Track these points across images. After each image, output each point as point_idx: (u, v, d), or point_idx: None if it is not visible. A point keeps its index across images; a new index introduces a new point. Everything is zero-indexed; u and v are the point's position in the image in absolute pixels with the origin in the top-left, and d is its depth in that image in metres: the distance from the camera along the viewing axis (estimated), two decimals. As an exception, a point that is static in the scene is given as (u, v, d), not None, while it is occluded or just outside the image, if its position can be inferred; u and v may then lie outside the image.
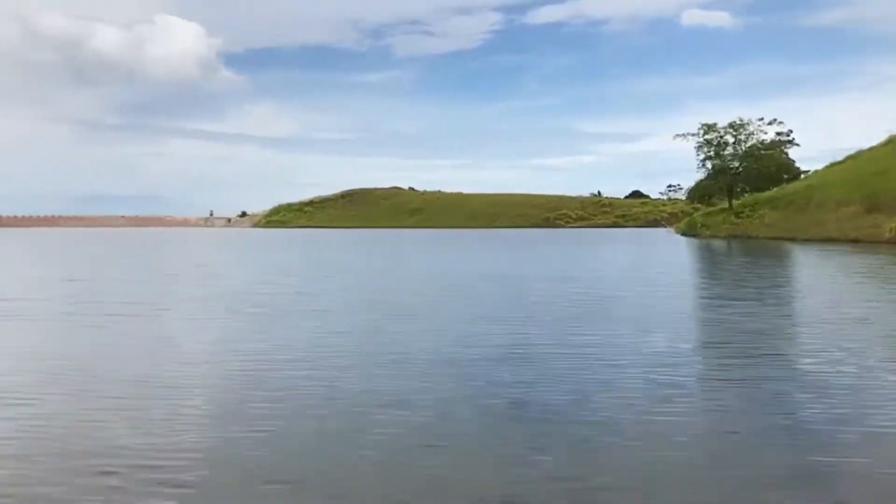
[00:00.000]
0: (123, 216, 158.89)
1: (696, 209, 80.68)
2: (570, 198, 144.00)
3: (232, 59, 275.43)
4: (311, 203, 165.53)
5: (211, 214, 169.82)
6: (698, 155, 72.95)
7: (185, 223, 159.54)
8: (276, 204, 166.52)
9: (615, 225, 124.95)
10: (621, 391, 8.22)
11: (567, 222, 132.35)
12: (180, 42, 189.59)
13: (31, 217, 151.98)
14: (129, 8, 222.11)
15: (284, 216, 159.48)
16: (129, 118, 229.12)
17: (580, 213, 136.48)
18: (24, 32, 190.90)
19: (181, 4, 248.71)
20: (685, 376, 9.07)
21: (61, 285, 23.78)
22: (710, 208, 73.55)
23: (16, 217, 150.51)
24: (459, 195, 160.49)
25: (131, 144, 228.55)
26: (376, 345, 11.60)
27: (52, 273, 29.46)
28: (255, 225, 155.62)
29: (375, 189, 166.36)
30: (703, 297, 19.57)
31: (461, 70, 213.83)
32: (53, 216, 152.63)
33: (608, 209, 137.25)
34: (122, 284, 23.86)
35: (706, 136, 71.90)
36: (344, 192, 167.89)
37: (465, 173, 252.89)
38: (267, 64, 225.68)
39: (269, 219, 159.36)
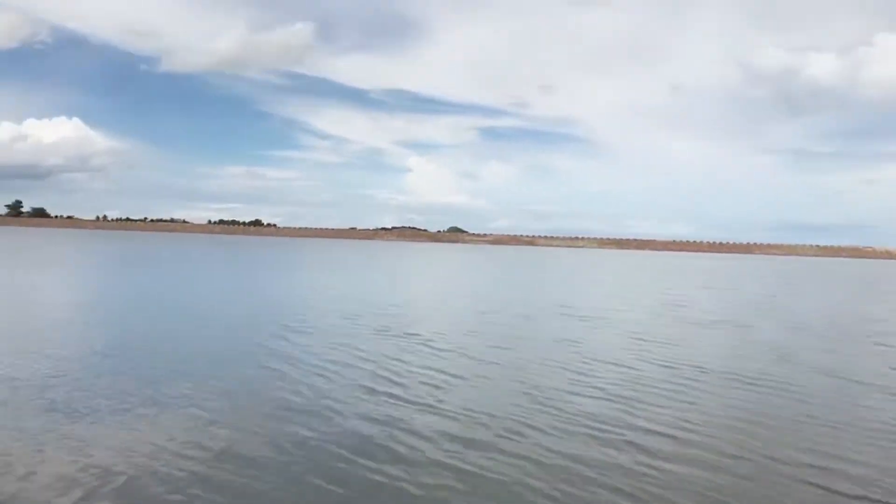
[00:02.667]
0: (817, 245, 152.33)
1: None
2: None
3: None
4: None
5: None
6: None
7: (888, 255, 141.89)
8: None
9: None
10: None
11: None
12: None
13: (726, 244, 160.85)
14: (846, 32, 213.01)
15: None
16: (838, 145, 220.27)
17: None
18: (743, 71, 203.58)
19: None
20: None
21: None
22: None
23: (714, 244, 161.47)
24: None
25: (838, 172, 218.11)
26: None
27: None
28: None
29: None
30: None
31: None
32: (747, 244, 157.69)
33: None
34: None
35: None
36: None
37: None
38: None
39: None
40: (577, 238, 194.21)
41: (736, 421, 8.52)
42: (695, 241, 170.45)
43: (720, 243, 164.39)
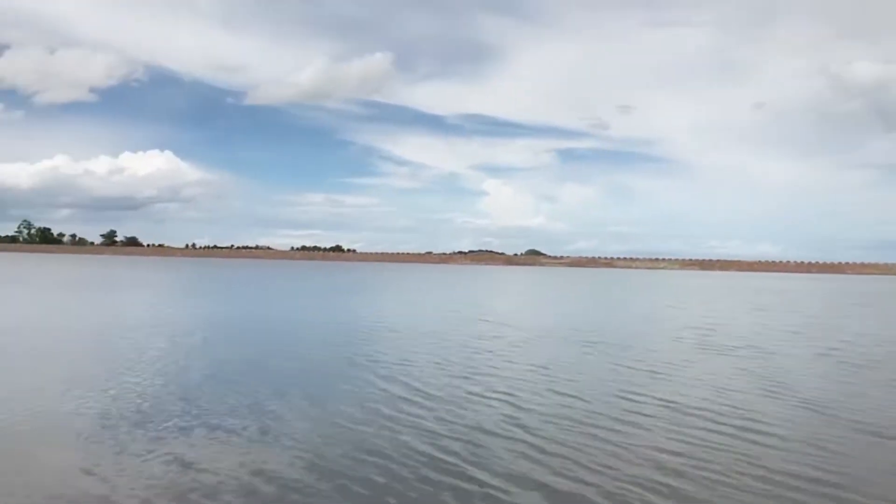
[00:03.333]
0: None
1: None
2: None
3: None
4: None
5: None
6: None
7: None
8: None
9: None
10: None
11: None
12: None
13: (816, 263, 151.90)
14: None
15: None
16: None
17: None
18: (832, 85, 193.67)
19: None
20: None
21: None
22: None
23: (803, 263, 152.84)
24: None
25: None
26: None
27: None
28: None
29: None
30: None
31: None
32: (839, 263, 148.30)
33: None
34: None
35: None
36: None
37: None
38: None
39: None
40: (657, 259, 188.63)
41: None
42: (782, 262, 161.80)
43: (809, 263, 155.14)
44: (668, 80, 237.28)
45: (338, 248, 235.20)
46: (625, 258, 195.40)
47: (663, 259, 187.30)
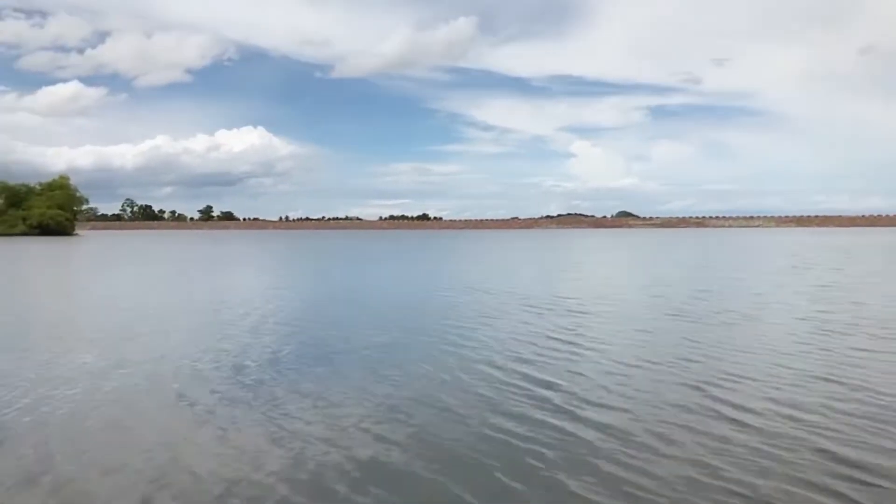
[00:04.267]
0: None
1: None
2: None
3: None
4: None
5: None
6: None
7: None
8: None
9: None
10: None
11: None
12: None
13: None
14: None
15: None
16: None
17: None
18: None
19: None
20: None
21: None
22: None
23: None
24: None
25: None
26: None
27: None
28: None
29: None
30: None
31: None
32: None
33: None
34: None
35: None
36: None
37: None
38: None
39: None
40: (751, 217, 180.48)
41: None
42: (888, 216, 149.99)
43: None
44: (763, 28, 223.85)
45: (424, 217, 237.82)
46: (717, 217, 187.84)
47: (758, 217, 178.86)
